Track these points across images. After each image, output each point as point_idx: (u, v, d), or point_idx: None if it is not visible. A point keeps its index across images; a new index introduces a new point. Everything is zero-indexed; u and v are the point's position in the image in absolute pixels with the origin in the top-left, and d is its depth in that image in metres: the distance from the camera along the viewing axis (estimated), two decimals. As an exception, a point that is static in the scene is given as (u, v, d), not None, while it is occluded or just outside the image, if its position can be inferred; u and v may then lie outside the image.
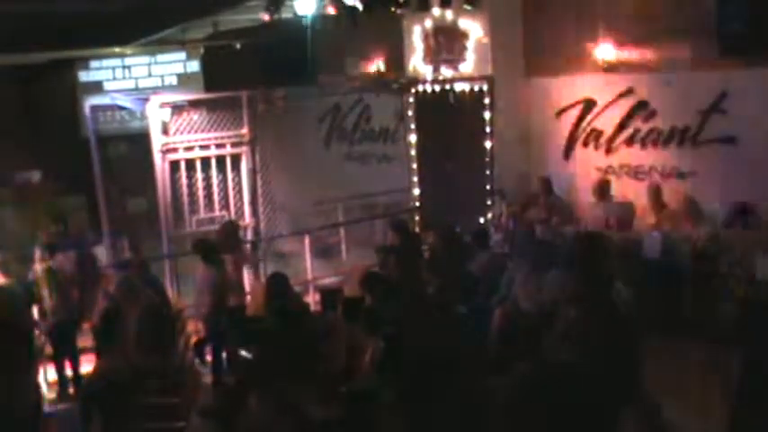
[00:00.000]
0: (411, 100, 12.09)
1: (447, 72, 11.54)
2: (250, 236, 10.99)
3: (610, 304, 6.48)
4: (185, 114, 10.74)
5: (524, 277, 7.76)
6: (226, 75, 13.97)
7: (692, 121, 9.91)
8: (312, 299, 10.51)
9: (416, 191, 12.16)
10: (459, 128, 11.70)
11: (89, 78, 14.76)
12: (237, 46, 14.91)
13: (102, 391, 6.67)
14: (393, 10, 12.01)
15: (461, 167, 11.78)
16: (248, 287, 9.98)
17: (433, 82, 11.69)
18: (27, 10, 11.83)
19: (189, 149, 10.75)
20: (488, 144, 11.39)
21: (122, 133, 13.72)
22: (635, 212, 10.09)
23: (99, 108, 11.99)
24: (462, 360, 6.36)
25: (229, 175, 11.01)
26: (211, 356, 8.86)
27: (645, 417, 6.19)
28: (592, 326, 6.23)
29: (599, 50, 10.55)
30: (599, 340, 6.07)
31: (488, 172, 11.43)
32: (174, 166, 10.67)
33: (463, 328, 7.34)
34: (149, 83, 14.70)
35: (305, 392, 6.21)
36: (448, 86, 11.57)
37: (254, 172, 11.06)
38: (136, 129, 12.19)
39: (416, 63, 11.82)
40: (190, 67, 14.78)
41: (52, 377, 8.92)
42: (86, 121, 11.72)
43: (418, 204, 12.13)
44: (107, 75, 14.78)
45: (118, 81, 14.76)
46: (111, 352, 7.03)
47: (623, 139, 10.63)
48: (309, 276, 10.97)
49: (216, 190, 10.95)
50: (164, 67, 14.82)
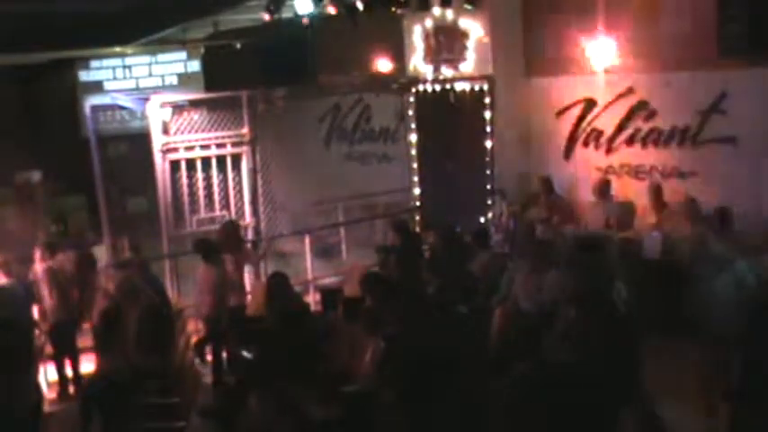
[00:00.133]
0: (411, 100, 12.09)
1: (447, 72, 11.54)
2: (250, 235, 10.99)
3: (610, 304, 6.49)
4: (186, 114, 10.73)
5: (524, 277, 7.77)
6: (226, 74, 13.99)
7: (693, 121, 9.91)
8: (312, 299, 10.51)
9: (417, 191, 12.15)
10: (459, 128, 11.70)
11: (89, 78, 14.78)
12: (238, 46, 14.92)
13: (103, 391, 6.68)
14: (393, 10, 12.01)
15: (462, 167, 11.79)
16: (249, 287, 9.98)
17: (434, 82, 11.68)
18: (27, 10, 11.84)
19: (189, 149, 10.74)
20: (489, 144, 11.39)
21: (123, 133, 13.73)
22: (635, 212, 10.09)
23: (99, 108, 11.99)
24: (462, 360, 6.36)
25: (230, 175, 11.00)
26: (211, 356, 8.86)
27: (644, 417, 6.19)
28: (592, 326, 6.24)
29: (599, 50, 10.54)
30: (599, 340, 6.08)
31: (489, 172, 11.43)
32: (175, 165, 10.67)
33: (463, 328, 7.34)
34: (150, 82, 14.72)
35: (305, 392, 6.22)
36: (448, 86, 11.57)
37: (254, 172, 11.06)
38: (136, 128, 12.19)
39: (417, 63, 11.82)
40: (190, 66, 14.80)
41: (52, 377, 8.92)
42: (87, 121, 11.70)
43: (418, 204, 12.13)
44: (107, 74, 14.80)
45: (118, 81, 14.78)
46: (111, 352, 7.03)
47: (623, 138, 10.63)
48: (310, 276, 10.97)
49: (216, 190, 10.95)
50: (164, 66, 14.84)
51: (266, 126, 11.26)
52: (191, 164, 10.77)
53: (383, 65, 12.61)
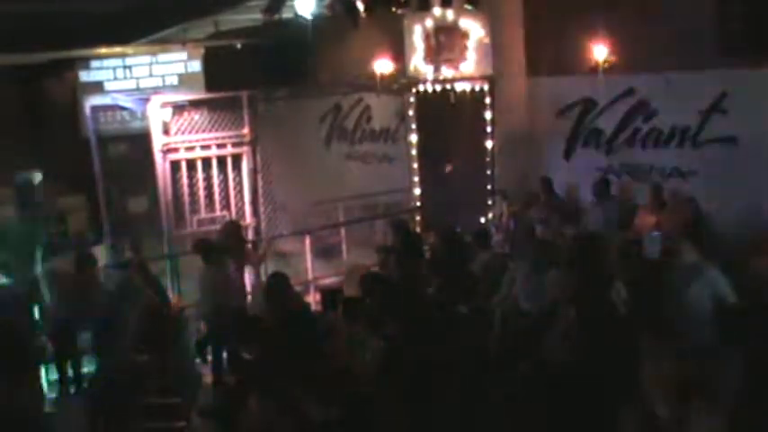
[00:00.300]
0: (412, 100, 12.09)
1: (448, 72, 11.54)
2: (251, 236, 10.99)
3: (610, 304, 6.49)
4: (186, 114, 10.74)
5: (524, 277, 7.76)
6: (226, 75, 13.97)
7: (693, 121, 9.92)
8: (312, 299, 10.51)
9: (417, 191, 12.15)
10: (459, 128, 11.71)
11: (90, 78, 14.73)
12: (238, 46, 14.91)
13: (103, 391, 6.68)
14: (393, 10, 12.01)
15: (462, 167, 11.79)
16: (249, 287, 9.98)
17: (434, 82, 11.69)
18: (27, 10, 11.83)
19: (190, 149, 10.75)
20: (489, 144, 11.39)
21: (123, 133, 13.68)
22: (635, 212, 10.09)
23: (100, 108, 11.99)
24: (462, 360, 6.36)
25: (230, 175, 11.01)
26: (211, 356, 8.85)
27: (644, 417, 6.19)
28: (592, 326, 6.24)
29: (599, 50, 10.54)
30: (598, 340, 6.08)
31: (489, 172, 11.44)
32: (175, 166, 10.68)
33: (463, 328, 7.34)
34: (150, 83, 14.67)
35: (305, 392, 6.21)
36: (449, 86, 11.57)
37: (254, 172, 11.07)
38: (137, 129, 12.16)
39: (417, 63, 11.82)
40: (191, 67, 14.75)
41: (53, 377, 8.92)
42: (87, 121, 11.72)
43: (418, 204, 12.13)
44: (108, 75, 14.75)
45: (119, 81, 14.73)
46: (111, 352, 7.04)
47: (623, 138, 10.64)
48: (310, 276, 10.96)
49: (217, 190, 10.96)
50: (165, 66, 14.80)
51: (266, 126, 11.27)
52: (191, 164, 10.78)
53: (383, 65, 12.60)
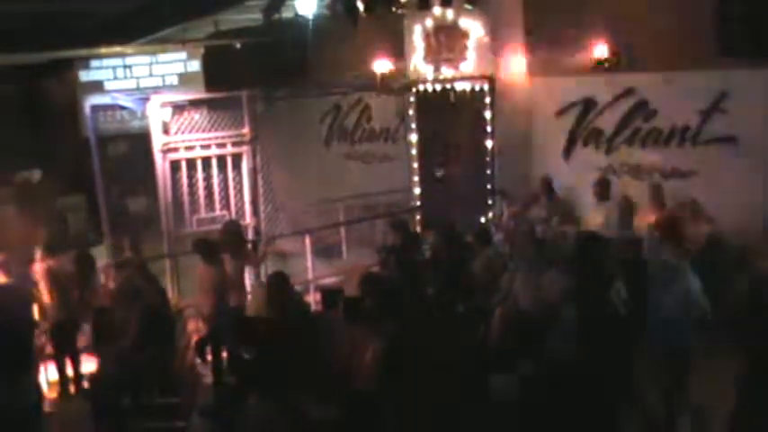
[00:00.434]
0: (412, 99, 12.09)
1: (448, 71, 11.54)
2: (251, 235, 10.99)
3: (609, 304, 6.48)
4: (186, 114, 10.74)
5: (524, 277, 7.76)
6: (226, 74, 13.97)
7: (693, 120, 9.92)
8: (313, 298, 10.50)
9: (417, 191, 12.15)
10: (459, 128, 11.71)
11: (90, 78, 14.73)
12: (238, 46, 14.91)
13: (103, 391, 6.68)
14: (393, 9, 12.00)
15: (462, 167, 11.78)
16: (248, 287, 9.97)
17: (434, 81, 11.69)
18: (27, 10, 11.84)
19: (190, 149, 10.75)
20: (489, 144, 11.39)
21: (123, 133, 13.69)
22: (635, 212, 10.08)
23: (99, 108, 11.99)
24: (462, 360, 6.36)
25: (230, 175, 11.01)
26: (211, 356, 8.85)
27: (644, 416, 6.20)
28: (591, 326, 6.24)
29: (599, 50, 10.54)
30: (598, 340, 6.08)
31: (489, 172, 11.43)
32: (175, 165, 10.68)
33: (463, 328, 7.34)
34: (150, 82, 14.68)
35: (305, 392, 6.21)
36: (448, 86, 11.57)
37: (254, 171, 11.07)
38: (136, 128, 12.17)
39: (417, 62, 11.82)
40: (190, 66, 14.76)
41: (52, 377, 8.92)
42: (87, 121, 11.71)
43: (418, 204, 12.12)
44: (108, 74, 14.75)
45: (118, 81, 14.74)
46: (111, 352, 7.04)
47: (623, 138, 10.64)
48: (310, 276, 10.96)
49: (217, 189, 10.96)
50: (164, 66, 14.80)
51: (266, 126, 11.26)
52: (191, 164, 10.78)
53: (383, 65, 12.60)
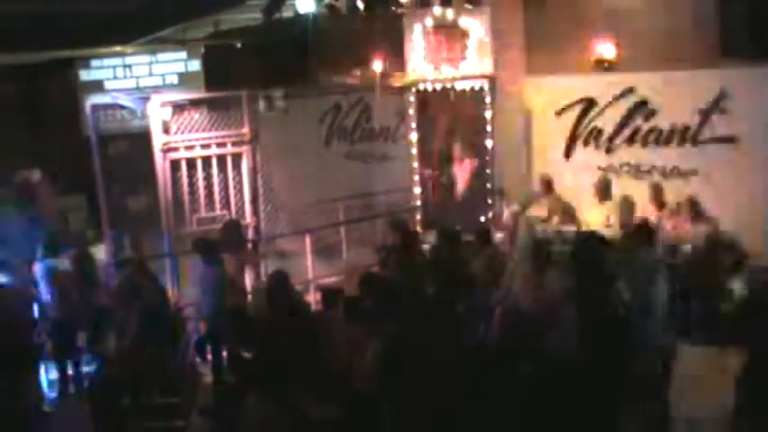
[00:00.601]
0: (412, 99, 12.09)
1: (448, 71, 11.53)
2: (251, 235, 11.00)
3: (609, 304, 6.48)
4: (186, 113, 10.74)
5: (525, 277, 7.76)
6: (226, 74, 13.97)
7: (693, 120, 9.92)
8: (313, 298, 10.50)
9: (416, 191, 12.15)
10: (459, 127, 11.70)
11: (90, 77, 14.69)
12: (238, 46, 14.91)
13: (103, 391, 6.68)
14: (393, 9, 12.00)
15: (462, 167, 11.77)
16: (248, 287, 9.97)
17: (434, 81, 11.68)
18: (27, 10, 11.83)
19: (190, 148, 10.75)
20: (489, 144, 11.39)
21: (123, 132, 13.65)
22: (635, 212, 10.08)
23: (100, 107, 11.95)
24: (462, 360, 6.36)
25: (230, 175, 11.01)
26: (211, 356, 8.85)
27: (644, 416, 6.20)
28: (591, 325, 6.24)
29: (599, 49, 10.54)
30: (598, 340, 6.08)
31: (489, 171, 11.43)
32: (175, 165, 10.67)
33: (463, 328, 7.34)
34: (150, 82, 14.65)
35: (305, 392, 6.21)
36: (449, 85, 11.57)
37: (254, 171, 11.06)
38: (137, 128, 12.13)
39: (417, 62, 11.81)
40: (191, 66, 14.72)
41: (52, 377, 8.92)
42: (87, 120, 11.69)
43: (418, 204, 12.12)
44: (108, 74, 14.72)
45: (119, 80, 14.70)
46: (110, 351, 7.04)
47: (624, 138, 10.64)
48: (310, 276, 10.97)
49: (217, 189, 10.95)
50: (165, 66, 14.77)
51: (266, 126, 11.26)
52: (191, 163, 10.77)
53: (383, 64, 12.58)
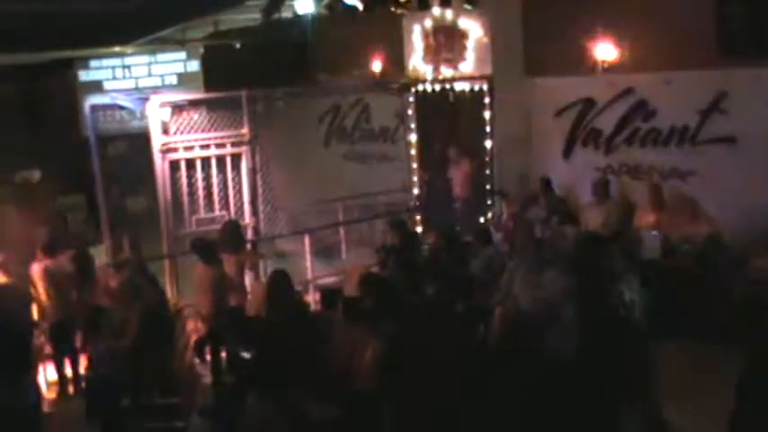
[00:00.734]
0: (411, 100, 12.10)
1: (447, 72, 11.54)
2: (250, 235, 10.99)
3: (609, 304, 6.48)
4: (185, 114, 10.73)
5: (524, 277, 7.76)
6: (226, 74, 13.98)
7: (692, 120, 9.92)
8: (312, 298, 10.50)
9: (416, 191, 12.16)
10: (459, 128, 11.71)
11: (89, 78, 14.75)
12: (238, 46, 14.92)
13: (102, 391, 6.68)
14: (393, 10, 12.02)
15: (461, 167, 11.78)
16: (248, 287, 9.96)
17: (434, 82, 11.69)
18: (27, 10, 11.84)
19: (189, 149, 10.74)
20: (489, 144, 11.39)
21: (122, 133, 13.69)
22: (635, 212, 10.09)
23: (99, 107, 11.96)
24: (462, 360, 6.36)
25: (229, 175, 11.00)
26: (211, 356, 8.85)
27: (644, 417, 6.19)
28: (591, 325, 6.24)
29: (599, 50, 10.55)
30: (598, 340, 6.07)
31: (489, 172, 11.44)
32: (175, 165, 10.66)
33: (463, 328, 7.34)
34: (149, 82, 14.70)
35: (305, 392, 6.21)
36: (448, 86, 11.58)
37: (254, 171, 11.06)
38: (136, 128, 12.17)
39: (416, 63, 11.83)
40: (190, 66, 14.77)
41: (52, 377, 8.92)
42: (86, 121, 11.69)
43: (418, 204, 12.13)
44: (107, 74, 14.77)
45: (118, 80, 14.76)
46: (103, 352, 7.03)
47: (623, 138, 10.64)
48: (309, 276, 10.96)
49: (216, 189, 10.94)
50: (164, 66, 14.81)
51: (266, 126, 11.26)
52: (190, 164, 10.77)
53: (383, 65, 12.60)
